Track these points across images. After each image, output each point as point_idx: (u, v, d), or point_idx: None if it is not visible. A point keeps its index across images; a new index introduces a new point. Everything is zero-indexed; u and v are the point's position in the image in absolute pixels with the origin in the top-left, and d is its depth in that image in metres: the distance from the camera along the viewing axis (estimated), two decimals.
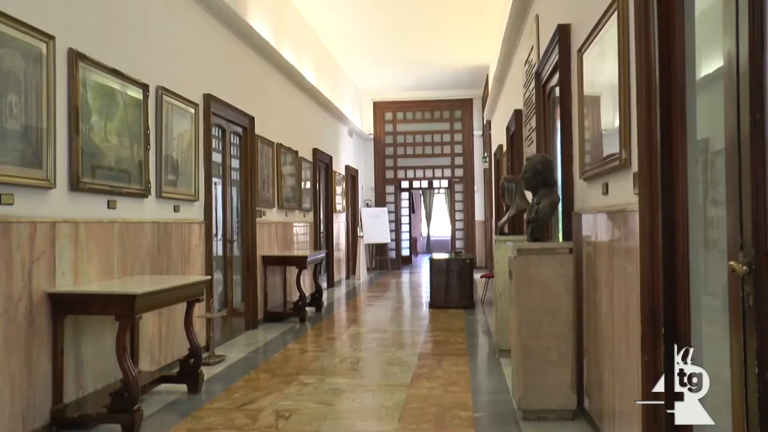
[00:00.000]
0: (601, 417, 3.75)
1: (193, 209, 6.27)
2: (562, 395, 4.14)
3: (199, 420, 4.33)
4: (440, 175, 17.28)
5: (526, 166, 4.66)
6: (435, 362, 5.98)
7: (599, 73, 3.71)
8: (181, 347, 5.70)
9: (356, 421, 4.30)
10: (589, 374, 4.11)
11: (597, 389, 3.84)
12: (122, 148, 4.90)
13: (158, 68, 5.56)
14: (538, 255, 4.23)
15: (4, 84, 3.63)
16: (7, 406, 3.66)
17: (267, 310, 8.49)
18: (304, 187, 10.65)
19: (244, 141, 7.94)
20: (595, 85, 3.86)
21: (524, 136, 7.57)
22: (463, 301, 9.63)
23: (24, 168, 3.79)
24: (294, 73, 9.84)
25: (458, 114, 17.09)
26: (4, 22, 3.62)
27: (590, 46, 3.86)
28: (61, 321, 4.07)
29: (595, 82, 3.85)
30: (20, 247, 3.77)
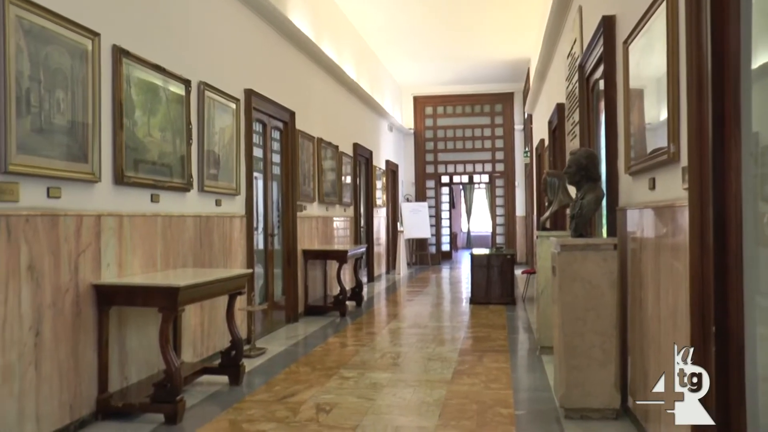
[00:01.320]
0: (647, 417, 3.67)
1: (234, 203, 6.32)
2: (606, 394, 4.06)
3: (240, 412, 4.36)
4: (481, 170, 17.15)
5: (569, 161, 4.58)
6: (476, 358, 5.94)
7: (646, 65, 3.62)
8: (222, 339, 5.75)
9: (397, 417, 4.28)
10: (633, 373, 4.02)
11: (642, 388, 3.76)
12: (165, 143, 4.96)
13: (200, 64, 5.61)
14: (582, 251, 4.16)
15: (52, 81, 3.70)
16: (56, 395, 3.74)
17: (307, 303, 8.53)
18: (344, 182, 10.67)
19: (284, 136, 7.97)
20: (641, 78, 3.77)
21: (567, 130, 7.45)
22: (504, 297, 9.54)
23: (70, 162, 3.85)
24: (334, 68, 9.85)
25: (499, 108, 16.93)
26: (52, 19, 3.69)
27: (637, 38, 3.77)
28: (106, 312, 4.14)
29: (641, 75, 3.76)
30: (67, 240, 3.84)
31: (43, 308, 3.64)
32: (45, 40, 3.65)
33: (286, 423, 4.11)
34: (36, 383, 3.59)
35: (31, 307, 3.54)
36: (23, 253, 3.49)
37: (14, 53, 3.42)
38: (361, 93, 11.79)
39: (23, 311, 3.49)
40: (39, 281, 3.61)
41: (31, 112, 3.55)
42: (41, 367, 3.62)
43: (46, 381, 3.66)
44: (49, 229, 3.68)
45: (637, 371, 3.91)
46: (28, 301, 3.52)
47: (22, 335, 3.49)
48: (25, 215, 3.51)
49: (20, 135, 3.46)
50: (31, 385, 3.55)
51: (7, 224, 3.38)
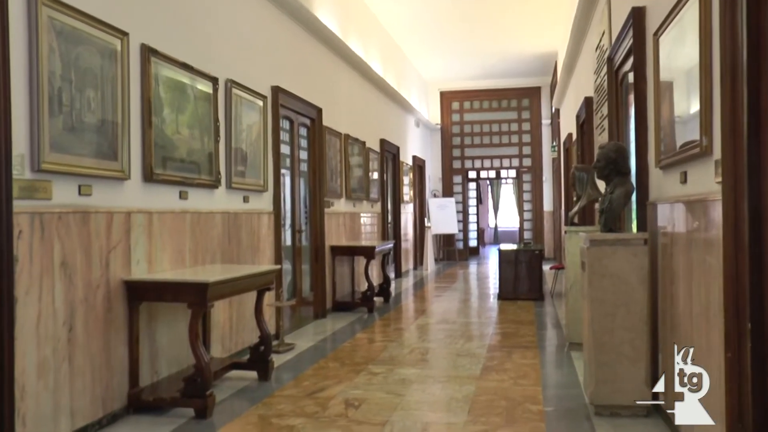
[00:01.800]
0: None
1: (262, 200, 6.35)
2: (637, 391, 4.00)
3: (269, 407, 4.38)
4: (508, 165, 17.06)
5: (598, 155, 4.52)
6: (504, 354, 5.90)
7: (677, 56, 3.56)
8: (251, 335, 5.79)
9: (426, 413, 4.27)
10: (665, 370, 3.96)
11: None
12: (193, 140, 5.00)
13: (227, 61, 5.64)
14: (611, 246, 4.11)
15: (82, 80, 3.74)
16: (89, 389, 3.80)
17: (335, 299, 8.55)
18: (371, 178, 10.67)
19: (311, 132, 7.99)
20: (672, 70, 3.71)
21: (595, 124, 7.37)
22: (532, 293, 9.47)
23: (101, 160, 3.90)
24: (360, 64, 9.85)
25: (526, 102, 16.81)
26: (82, 20, 3.74)
27: (668, 29, 3.70)
28: (137, 308, 4.19)
29: (672, 67, 3.70)
30: (98, 236, 3.89)
31: (76, 304, 3.69)
32: (76, 41, 3.70)
33: (315, 418, 4.12)
34: (70, 377, 3.64)
35: (64, 303, 3.60)
36: (56, 250, 3.54)
37: (47, 54, 3.47)
38: (387, 89, 11.77)
39: (57, 307, 3.54)
40: (71, 277, 3.66)
41: (63, 112, 3.59)
42: (74, 361, 3.68)
43: (79, 375, 3.72)
44: (80, 226, 3.74)
45: (668, 368, 3.85)
46: (61, 297, 3.58)
47: (56, 330, 3.54)
48: (58, 212, 3.56)
49: (53, 134, 3.51)
50: (65, 379, 3.61)
51: (41, 222, 3.44)
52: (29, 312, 3.35)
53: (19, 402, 3.28)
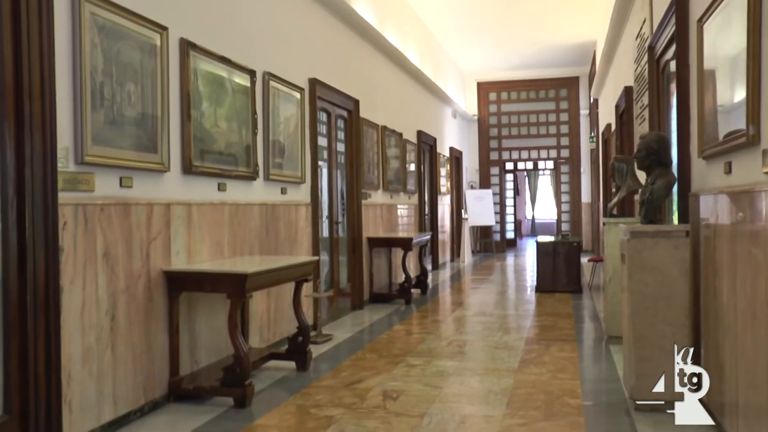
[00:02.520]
0: (722, 411, 3.53)
1: (299, 191, 6.39)
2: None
3: (308, 397, 4.42)
4: (545, 156, 16.89)
5: (639, 145, 4.44)
6: (542, 347, 5.85)
7: (722, 44, 3.47)
8: (288, 326, 5.84)
9: (464, 405, 4.26)
10: (707, 365, 3.88)
11: (717, 381, 3.62)
12: (231, 133, 5.04)
13: (264, 55, 5.67)
14: (652, 238, 4.03)
15: (123, 74, 3.80)
16: (130, 377, 3.87)
17: (372, 291, 8.56)
18: (408, 170, 10.66)
19: (349, 124, 8.00)
20: (716, 58, 3.61)
21: (635, 114, 7.24)
22: (570, 286, 9.37)
23: (141, 153, 3.96)
24: (397, 55, 9.82)
25: (564, 93, 16.61)
26: (123, 15, 3.79)
27: (712, 15, 3.61)
28: (177, 298, 4.25)
29: (716, 54, 3.60)
30: (139, 228, 3.96)
31: (118, 294, 3.76)
32: (117, 36, 3.75)
33: (354, 409, 4.14)
34: (112, 365, 3.72)
35: (106, 292, 3.67)
36: (99, 241, 3.61)
37: (89, 49, 3.53)
38: (424, 80, 11.72)
39: (100, 296, 3.61)
40: (113, 268, 3.73)
41: (105, 105, 3.65)
42: (117, 349, 3.75)
43: (121, 363, 3.79)
44: (122, 217, 3.80)
45: (711, 363, 3.77)
46: (104, 286, 3.65)
47: (99, 319, 3.61)
48: (100, 204, 3.63)
49: (95, 127, 3.57)
50: (108, 367, 3.68)
51: (84, 213, 3.50)
52: (74, 301, 3.43)
53: (66, 388, 3.36)
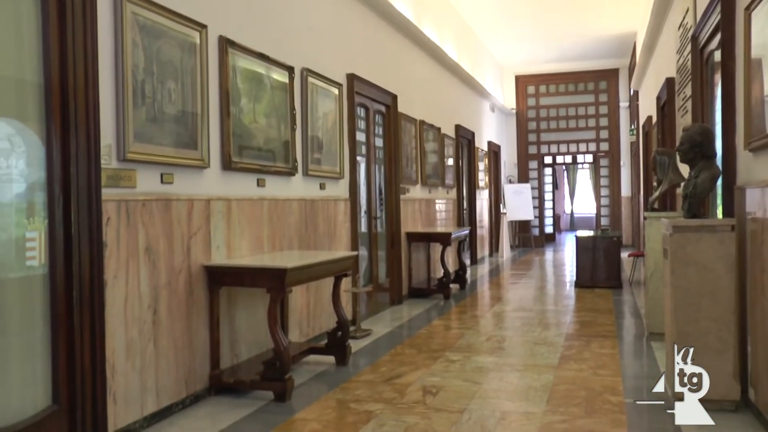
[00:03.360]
0: None
1: (338, 186, 6.41)
2: (723, 384, 3.83)
3: (347, 391, 4.43)
4: (584, 150, 16.67)
5: (682, 138, 4.35)
6: (582, 344, 5.78)
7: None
8: (327, 320, 5.87)
9: (504, 401, 4.23)
10: (755, 363, 3.78)
11: (766, 380, 3.54)
12: (270, 129, 5.08)
13: (302, 51, 5.70)
14: (696, 232, 3.95)
15: (163, 72, 3.86)
16: (173, 370, 3.94)
17: (411, 286, 8.56)
18: (446, 164, 10.62)
19: (387, 119, 8.00)
20: (765, 47, 3.52)
21: (677, 106, 7.10)
22: (610, 281, 9.23)
23: (181, 149, 4.02)
24: (435, 49, 9.78)
25: (603, 85, 16.37)
26: (163, 14, 3.86)
27: (762, 3, 3.51)
28: (217, 292, 4.30)
29: (765, 43, 3.51)
30: (180, 223, 4.02)
31: (159, 288, 3.83)
32: (157, 35, 3.81)
33: (393, 404, 4.14)
34: (155, 358, 3.78)
35: (148, 286, 3.73)
36: (141, 236, 3.68)
37: (131, 48, 3.60)
38: (462, 74, 11.66)
39: (142, 291, 3.68)
40: (155, 262, 3.80)
41: (146, 103, 3.72)
42: (159, 343, 3.82)
43: (163, 356, 3.86)
44: (163, 213, 3.86)
45: (759, 361, 3.69)
46: (146, 281, 3.71)
47: (142, 313, 3.68)
48: (142, 200, 3.69)
49: (136, 124, 3.63)
50: (151, 360, 3.75)
51: (127, 209, 3.57)
52: (117, 295, 3.50)
53: (110, 380, 3.44)
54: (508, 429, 3.73)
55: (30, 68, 3.14)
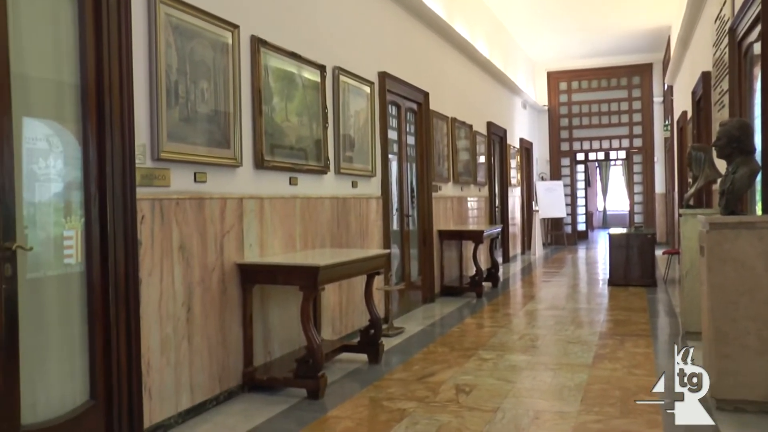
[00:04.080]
0: None
1: (370, 185, 6.42)
2: (764, 385, 3.74)
3: (380, 389, 4.44)
4: (617, 146, 16.47)
5: (719, 132, 4.27)
6: (617, 342, 5.71)
7: None
8: (360, 318, 5.88)
9: (537, 400, 4.19)
10: None
11: None
12: (302, 127, 5.10)
13: (334, 49, 5.71)
14: (734, 229, 3.87)
15: (196, 72, 3.90)
16: (206, 366, 3.97)
17: (443, 284, 8.54)
18: (478, 161, 10.57)
19: (418, 116, 7.98)
20: None
21: (714, 101, 6.97)
22: (644, 279, 9.09)
23: (214, 148, 4.05)
24: (466, 46, 9.73)
25: (636, 80, 16.12)
26: (196, 15, 3.90)
27: None
28: (250, 290, 4.33)
29: None
30: (213, 222, 4.05)
31: (193, 285, 3.87)
32: (190, 35, 3.85)
33: (426, 402, 4.13)
34: (189, 355, 3.83)
35: (182, 284, 3.77)
36: (175, 234, 3.72)
37: (164, 49, 3.64)
38: (494, 70, 11.59)
39: (176, 288, 3.72)
40: (189, 260, 3.84)
41: (179, 103, 3.76)
42: (193, 340, 3.86)
43: (197, 353, 3.90)
44: (196, 211, 3.90)
45: None
46: (180, 278, 3.75)
47: (176, 310, 3.72)
48: (176, 199, 3.73)
49: (170, 124, 3.68)
50: (185, 356, 3.79)
51: (161, 207, 3.62)
52: (152, 292, 3.55)
53: (146, 376, 3.48)
54: (542, 428, 3.70)
55: (67, 70, 3.20)
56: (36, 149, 3.05)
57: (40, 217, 3.10)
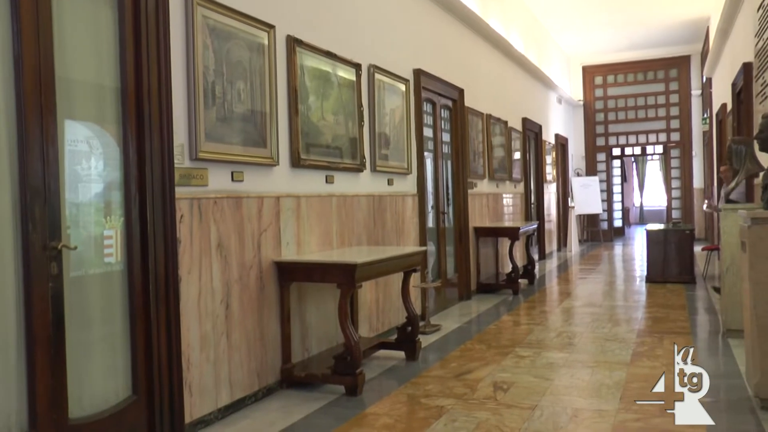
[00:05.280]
0: None
1: (406, 182, 6.42)
2: None
3: (417, 386, 4.44)
4: (654, 140, 16.17)
5: (762, 125, 4.19)
6: (655, 340, 5.63)
7: None
8: (396, 315, 5.89)
9: (575, 398, 4.16)
10: None
11: None
12: (337, 126, 5.13)
13: (369, 47, 5.72)
14: None
15: (233, 73, 3.95)
16: (245, 363, 4.02)
17: (479, 281, 8.51)
18: (513, 158, 10.50)
19: (453, 113, 7.96)
20: None
21: (755, 92, 6.82)
22: (683, 276, 8.92)
23: (251, 148, 4.10)
24: (501, 42, 9.68)
25: (674, 73, 15.84)
26: (232, 16, 3.94)
27: None
28: (287, 287, 4.37)
29: None
30: (250, 220, 4.10)
31: (231, 283, 3.92)
32: (227, 36, 3.90)
33: (464, 400, 4.13)
34: (228, 351, 3.88)
35: (221, 281, 3.83)
36: (213, 233, 3.77)
37: (201, 50, 3.69)
38: (529, 66, 11.50)
39: (214, 286, 3.78)
40: (227, 258, 3.89)
41: (216, 103, 3.81)
42: (231, 336, 3.91)
43: (236, 350, 3.95)
44: (234, 210, 3.95)
45: None
46: (218, 276, 3.81)
47: (215, 307, 3.78)
48: (213, 198, 3.78)
49: (207, 124, 3.73)
50: (224, 353, 3.85)
51: (199, 206, 3.67)
52: (191, 290, 3.60)
53: (186, 372, 3.54)
54: (581, 426, 3.67)
55: (107, 73, 3.27)
56: (77, 151, 3.12)
57: (81, 218, 3.16)
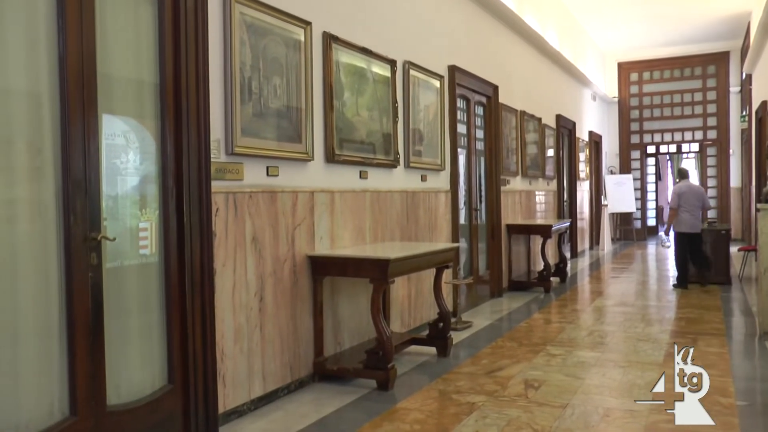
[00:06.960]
0: None
1: (439, 178, 6.42)
2: None
3: (449, 383, 4.45)
4: (690, 138, 15.87)
5: None
6: (688, 341, 5.55)
7: None
8: (428, 311, 5.91)
9: (607, 398, 4.13)
10: None
11: None
12: (372, 122, 5.15)
13: (404, 44, 5.73)
14: None
15: (269, 69, 3.99)
16: (278, 355, 4.08)
17: (511, 278, 8.48)
18: (547, 155, 10.43)
19: (487, 110, 7.94)
20: None
21: None
22: (718, 276, 8.77)
23: (286, 143, 4.15)
24: (536, 38, 9.61)
25: (711, 70, 15.52)
26: (269, 13, 3.99)
27: None
28: (320, 282, 4.41)
29: None
30: (284, 214, 4.15)
31: (265, 276, 3.97)
32: (263, 33, 3.94)
33: (495, 397, 4.13)
34: (261, 344, 3.93)
35: (255, 275, 3.88)
36: (248, 227, 3.82)
37: (238, 47, 3.74)
38: (563, 62, 11.40)
39: (249, 279, 3.83)
40: (261, 252, 3.94)
41: (252, 99, 3.85)
42: (265, 329, 3.96)
43: (269, 342, 4.00)
44: (268, 204, 4.00)
45: None
46: (252, 269, 3.86)
47: (249, 300, 3.83)
48: (248, 192, 3.83)
49: (243, 120, 3.78)
50: (257, 345, 3.90)
51: (234, 200, 3.72)
52: (225, 283, 3.66)
53: (220, 363, 3.60)
54: (612, 426, 3.65)
55: (147, 69, 3.33)
56: (114, 144, 3.18)
57: (118, 210, 3.23)
